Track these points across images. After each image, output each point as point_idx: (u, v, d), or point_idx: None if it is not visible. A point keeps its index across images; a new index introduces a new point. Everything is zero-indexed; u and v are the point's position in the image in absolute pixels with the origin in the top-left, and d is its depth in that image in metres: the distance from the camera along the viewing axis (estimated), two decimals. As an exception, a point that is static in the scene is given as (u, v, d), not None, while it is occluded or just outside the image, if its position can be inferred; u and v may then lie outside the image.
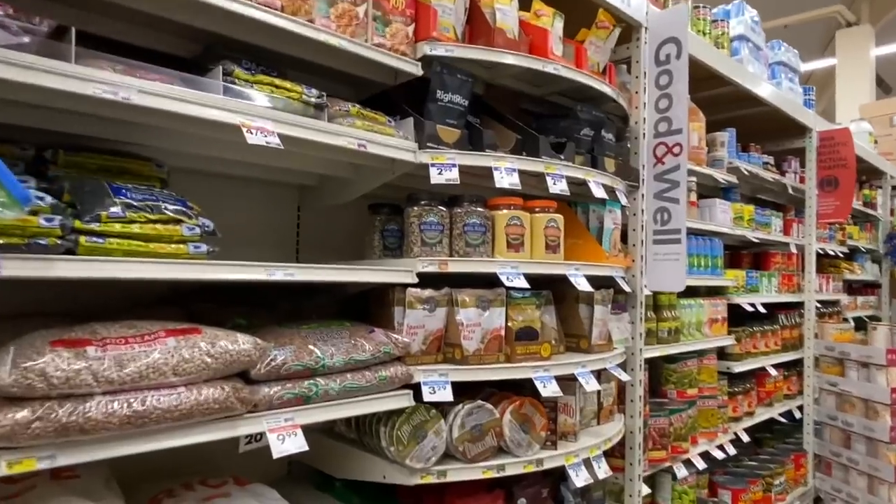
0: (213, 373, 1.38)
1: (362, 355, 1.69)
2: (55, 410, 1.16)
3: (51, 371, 1.16)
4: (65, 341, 1.23)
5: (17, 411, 1.12)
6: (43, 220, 1.18)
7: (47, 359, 1.17)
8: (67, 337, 1.25)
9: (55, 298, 1.74)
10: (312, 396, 1.57)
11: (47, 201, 1.19)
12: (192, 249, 1.38)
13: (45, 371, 1.15)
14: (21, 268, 1.14)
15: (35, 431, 1.13)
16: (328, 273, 1.61)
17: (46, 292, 1.73)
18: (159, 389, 1.30)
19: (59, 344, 1.21)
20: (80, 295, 1.77)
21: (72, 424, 1.17)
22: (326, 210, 2.30)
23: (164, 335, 1.35)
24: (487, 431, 1.89)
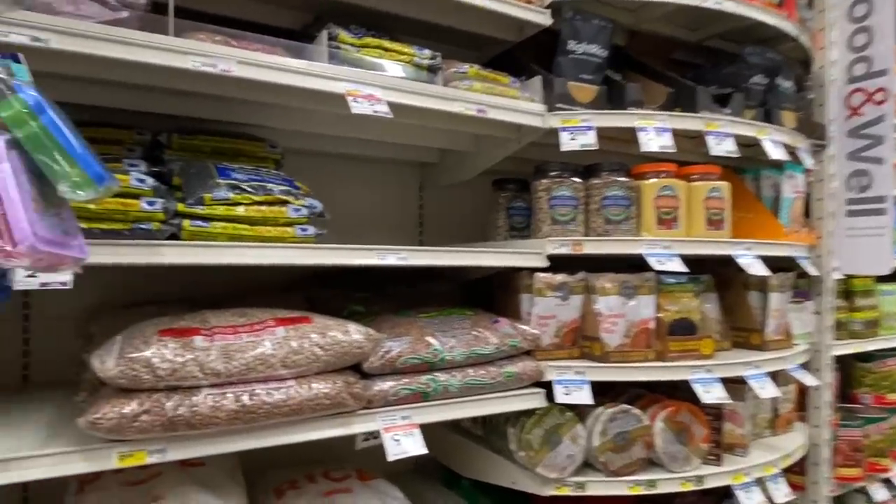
0: (324, 365, 1.27)
1: (486, 348, 1.49)
2: (162, 403, 1.10)
3: (157, 362, 1.10)
4: (173, 331, 1.17)
5: (126, 404, 1.08)
6: (145, 204, 1.12)
7: (154, 349, 1.12)
8: (177, 326, 1.19)
9: (183, 284, 1.76)
10: (431, 393, 1.41)
11: (149, 184, 1.13)
12: (299, 232, 1.27)
13: (151, 362, 1.10)
14: (124, 254, 1.09)
15: (143, 425, 1.08)
16: (443, 256, 1.43)
17: (175, 278, 1.75)
18: (268, 382, 1.21)
19: (167, 334, 1.16)
20: (204, 280, 1.77)
21: (179, 419, 1.11)
22: (450, 189, 2.13)
23: (274, 324, 1.26)
24: (634, 441, 1.61)
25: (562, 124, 1.58)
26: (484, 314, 1.63)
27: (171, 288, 1.74)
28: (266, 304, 1.49)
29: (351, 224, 2.01)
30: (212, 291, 1.77)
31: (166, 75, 1.20)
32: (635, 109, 1.65)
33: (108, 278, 1.68)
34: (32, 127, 0.76)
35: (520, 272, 1.67)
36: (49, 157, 0.77)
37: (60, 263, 0.84)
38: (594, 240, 1.62)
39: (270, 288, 1.82)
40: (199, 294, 1.76)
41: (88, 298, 1.66)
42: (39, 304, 1.63)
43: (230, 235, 1.21)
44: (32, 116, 0.76)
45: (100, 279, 1.67)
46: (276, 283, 1.84)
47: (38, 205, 0.78)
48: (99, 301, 1.68)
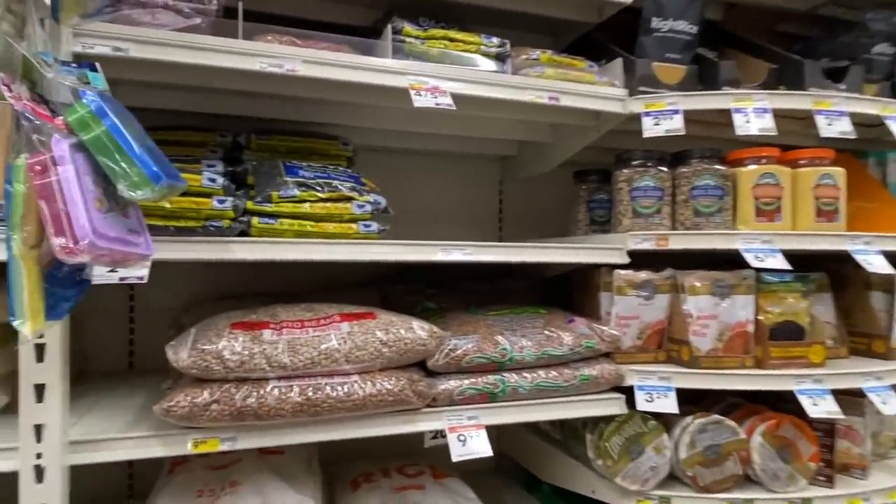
0: (388, 361, 1.26)
1: (559, 349, 1.42)
2: (232, 394, 1.14)
3: (227, 354, 1.15)
4: (244, 324, 1.22)
5: (198, 393, 1.13)
6: (216, 202, 1.17)
7: (224, 342, 1.16)
8: (248, 320, 1.24)
9: (268, 279, 1.83)
10: (498, 394, 1.36)
11: (219, 183, 1.17)
12: (363, 228, 1.27)
13: (221, 354, 1.14)
14: (195, 250, 1.14)
15: (213, 414, 1.13)
16: (511, 252, 1.37)
17: (260, 273, 1.83)
18: (332, 377, 1.22)
19: (238, 327, 1.21)
20: (285, 276, 1.83)
21: (247, 409, 1.14)
22: (530, 182, 2.06)
23: (339, 319, 1.27)
24: (728, 455, 1.46)
25: (645, 109, 1.46)
26: (559, 313, 1.55)
27: (257, 283, 1.82)
28: (341, 299, 1.51)
29: (431, 220, 2.00)
30: (293, 286, 1.84)
31: (237, 77, 1.24)
32: (730, 89, 1.49)
33: (202, 274, 1.79)
34: (95, 130, 0.81)
35: (599, 269, 1.57)
36: (110, 158, 0.81)
37: (126, 259, 0.88)
38: (681, 234, 1.49)
39: (348, 283, 1.85)
40: (281, 289, 1.83)
41: (185, 293, 1.78)
42: (143, 298, 1.77)
43: (296, 232, 1.23)
44: (95, 120, 0.81)
45: (194, 275, 1.78)
46: (354, 279, 1.88)
47: (103, 204, 0.82)
48: (194, 295, 1.80)
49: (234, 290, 1.81)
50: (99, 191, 0.83)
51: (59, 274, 0.86)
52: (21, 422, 1.00)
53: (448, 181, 2.04)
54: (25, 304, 0.81)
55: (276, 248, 1.19)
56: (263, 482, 1.37)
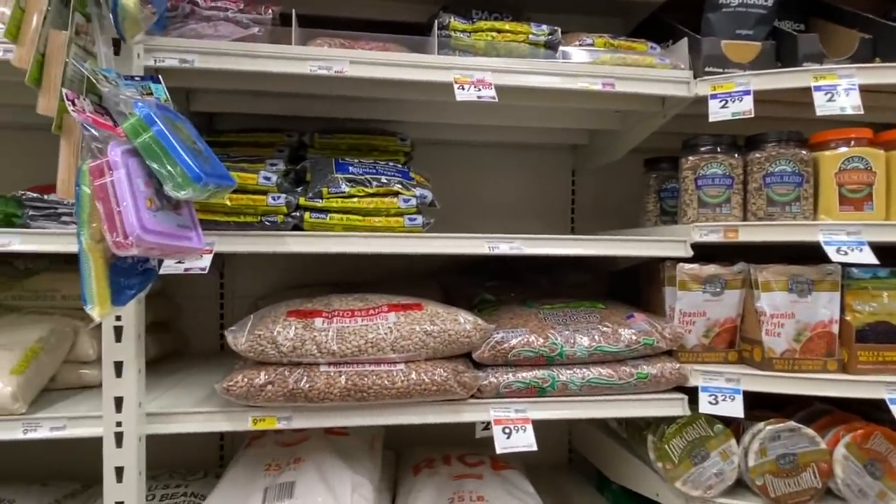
0: (433, 352, 1.29)
1: (614, 346, 1.37)
2: (285, 377, 1.23)
3: (280, 340, 1.23)
4: (299, 312, 1.30)
5: (255, 375, 1.23)
6: (271, 199, 1.26)
7: (279, 328, 1.25)
8: (303, 308, 1.32)
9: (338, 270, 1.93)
10: (547, 389, 1.35)
11: (273, 181, 1.26)
12: (408, 222, 1.31)
13: (275, 339, 1.23)
14: (252, 243, 1.23)
15: (268, 394, 1.22)
16: (560, 245, 1.34)
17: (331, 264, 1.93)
18: (379, 365, 1.27)
19: (293, 314, 1.29)
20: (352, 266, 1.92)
21: (298, 391, 1.22)
22: (603, 172, 1.99)
23: (387, 310, 1.32)
24: (805, 466, 1.34)
25: (711, 91, 1.37)
26: (618, 308, 1.50)
27: (329, 273, 1.93)
28: (402, 290, 1.57)
29: (502, 213, 2.00)
30: (360, 277, 1.92)
31: (292, 81, 1.32)
32: (812, 65, 1.35)
33: (281, 265, 1.93)
34: (144, 136, 0.90)
35: (664, 263, 1.49)
36: (158, 161, 0.91)
37: (178, 252, 0.98)
38: (753, 225, 1.37)
39: (411, 275, 1.91)
40: (350, 278, 1.92)
41: (267, 281, 1.93)
42: (230, 286, 1.93)
43: (344, 226, 1.29)
44: (144, 127, 0.90)
45: (275, 266, 1.93)
46: (417, 271, 1.93)
47: (153, 203, 0.92)
48: (275, 284, 1.94)
49: (308, 279, 1.93)
50: (150, 191, 0.92)
51: (123, 265, 0.97)
52: (104, 394, 1.15)
53: (519, 173, 2.02)
54: (94, 291, 0.93)
55: (326, 241, 1.26)
56: (324, 460, 1.46)
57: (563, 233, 1.91)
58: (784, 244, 1.36)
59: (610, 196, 2.05)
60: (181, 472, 1.68)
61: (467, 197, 2.00)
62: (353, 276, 1.94)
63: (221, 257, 1.93)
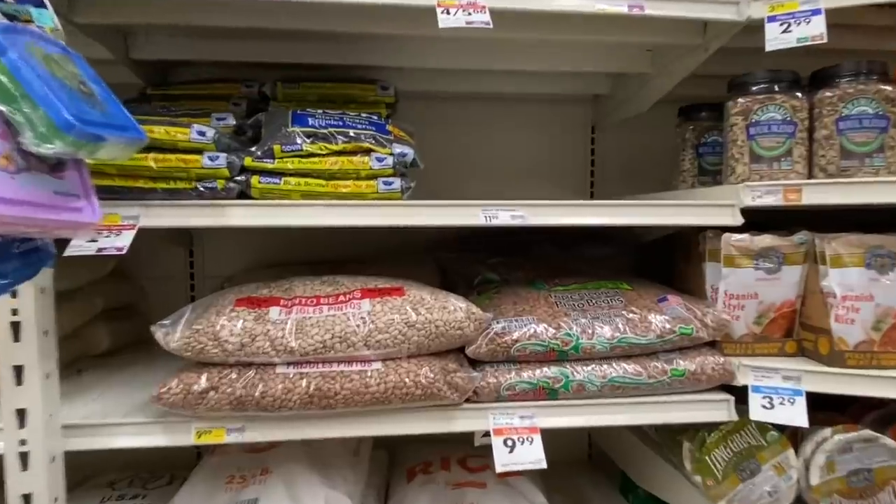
0: (417, 347, 1.04)
1: (642, 337, 1.11)
2: (232, 381, 1.00)
3: (225, 335, 1.00)
4: (251, 300, 1.06)
5: (194, 379, 0.99)
6: (207, 160, 1.00)
7: (224, 320, 1.01)
8: (257, 295, 1.07)
9: (325, 246, 1.69)
10: (559, 390, 1.09)
11: (209, 137, 1.00)
12: (383, 187, 1.05)
13: (217, 335, 0.99)
14: (185, 215, 0.99)
15: (210, 403, 0.99)
16: (572, 213, 1.07)
17: (312, 240, 1.69)
18: (350, 364, 1.03)
19: (243, 303, 1.05)
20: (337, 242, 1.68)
21: (248, 399, 0.99)
22: (628, 127, 1.70)
23: (360, 296, 1.07)
24: (884, 484, 1.07)
25: (769, 12, 1.06)
26: (648, 288, 1.22)
27: (309, 250, 1.69)
28: (391, 269, 1.32)
29: (510, 176, 1.73)
30: (345, 253, 1.68)
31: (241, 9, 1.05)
32: (905, -28, 1.04)
33: (256, 242, 1.69)
34: (-10, 70, 0.65)
35: (704, 233, 1.21)
36: (11, 103, 0.66)
37: (60, 227, 0.74)
38: (822, 183, 1.08)
39: (405, 252, 1.65)
40: (333, 256, 1.68)
41: (240, 260, 1.69)
42: (201, 265, 1.71)
43: (303, 192, 1.03)
44: (-11, 57, 0.65)
45: (248, 243, 1.69)
46: (412, 247, 1.67)
47: (11, 162, 0.68)
48: (249, 262, 1.70)
49: (290, 256, 1.69)
50: (7, 146, 0.67)
51: (-14, 247, 0.73)
52: (2, 406, 0.93)
53: (528, 130, 1.74)
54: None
55: (278, 212, 1.01)
56: (296, 472, 1.23)
57: (580, 199, 1.63)
58: (861, 207, 1.06)
59: (635, 155, 1.75)
60: (144, 476, 1.48)
61: (468, 159, 1.73)
62: (340, 253, 1.69)
63: (189, 232, 1.70)
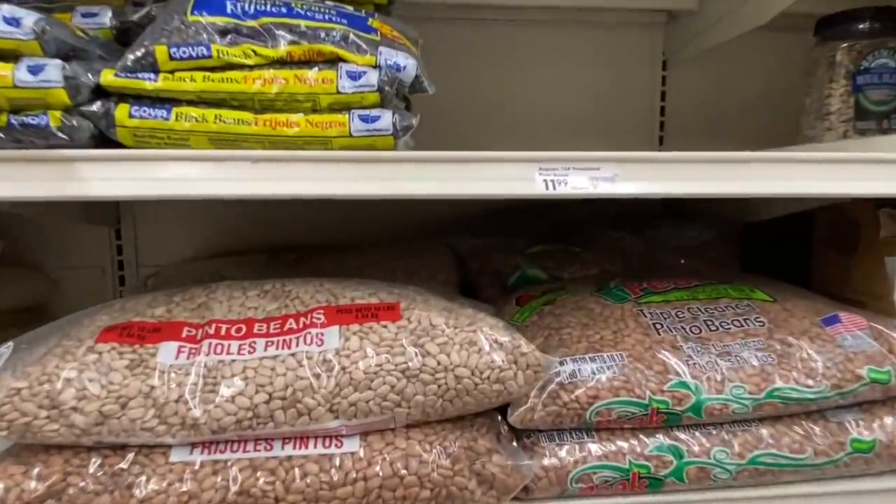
0: (422, 412, 0.59)
1: (810, 388, 0.65)
2: (88, 479, 0.55)
3: (69, 399, 0.54)
4: (127, 329, 0.60)
5: (22, 476, 0.55)
6: (23, 72, 0.53)
7: (69, 370, 0.55)
8: (141, 320, 0.61)
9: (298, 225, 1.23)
10: (666, 479, 0.64)
11: (25, 27, 0.53)
12: (359, 126, 0.57)
13: (57, 399, 0.54)
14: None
15: (50, 518, 0.54)
16: (707, 171, 0.59)
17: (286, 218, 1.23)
18: (304, 445, 0.58)
19: (113, 335, 0.59)
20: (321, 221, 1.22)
21: (118, 510, 0.54)
22: (713, 59, 1.21)
23: (324, 320, 0.61)
24: None
25: None
26: (797, 299, 0.75)
27: (284, 231, 1.23)
28: (384, 261, 0.88)
29: (553, 125, 1.25)
30: (327, 236, 1.22)
31: None
32: None
33: (213, 219, 1.24)
34: None
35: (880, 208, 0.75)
36: None
37: None
38: None
39: (406, 234, 1.19)
40: (312, 239, 1.23)
41: (189, 243, 1.25)
42: (131, 252, 1.26)
43: (213, 136, 0.57)
44: None
45: (201, 221, 1.24)
46: (416, 226, 1.21)
47: None
48: (201, 247, 1.26)
49: (248, 240, 1.24)
50: None
51: None
52: None
53: (576, 64, 1.25)
54: None
55: (165, 169, 0.54)
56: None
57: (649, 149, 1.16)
58: None
59: (725, 97, 1.27)
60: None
61: (496, 103, 1.25)
62: (318, 236, 1.24)
63: (115, 208, 1.25)
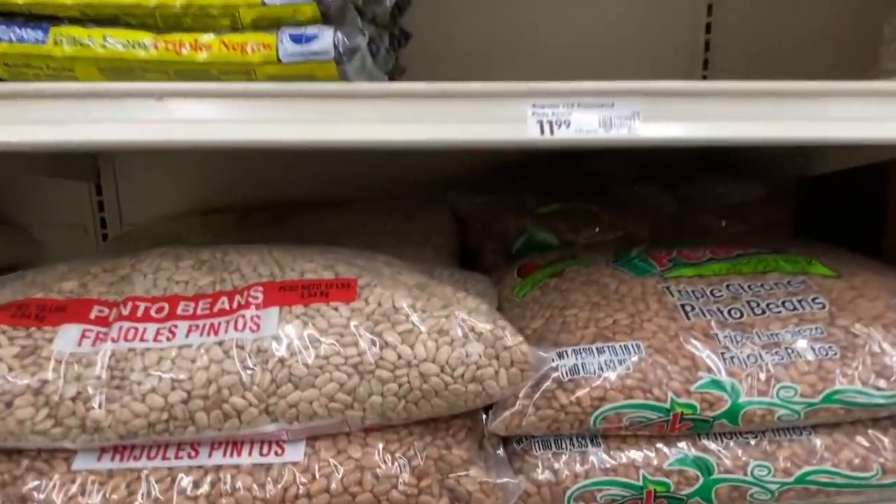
0: (381, 414, 0.47)
1: (878, 390, 0.50)
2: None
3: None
4: (24, 307, 0.49)
5: None
6: None
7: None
8: (43, 297, 0.50)
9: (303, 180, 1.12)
10: (687, 500, 0.51)
11: None
12: (290, 47, 0.43)
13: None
14: None
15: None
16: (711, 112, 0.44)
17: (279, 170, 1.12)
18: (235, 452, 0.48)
19: (5, 317, 0.48)
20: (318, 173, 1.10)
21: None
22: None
23: (261, 300, 0.49)
24: None
25: None
26: (868, 279, 0.60)
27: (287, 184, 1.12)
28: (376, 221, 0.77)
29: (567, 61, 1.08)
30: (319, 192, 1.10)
31: None
32: None
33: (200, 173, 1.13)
34: None
35: None
36: None
37: None
38: None
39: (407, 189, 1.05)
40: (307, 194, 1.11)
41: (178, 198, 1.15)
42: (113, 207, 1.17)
43: (102, 64, 0.44)
44: None
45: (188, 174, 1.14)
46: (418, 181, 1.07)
47: None
48: (191, 202, 1.16)
49: (245, 196, 1.14)
50: None
51: None
52: None
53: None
54: None
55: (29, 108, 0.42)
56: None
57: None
58: None
59: (781, 28, 1.07)
60: None
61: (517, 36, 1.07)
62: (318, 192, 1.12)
63: (92, 161, 1.15)
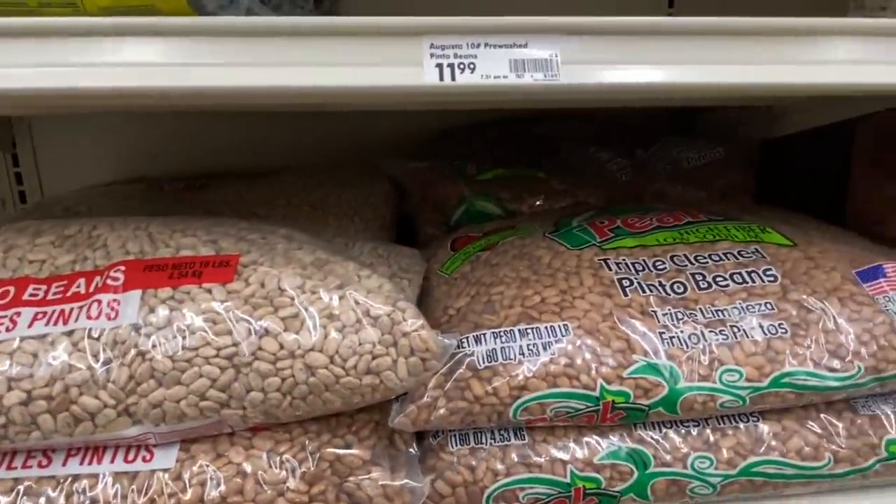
0: (264, 413, 0.41)
1: (830, 372, 0.45)
2: None
3: None
4: None
5: None
6: None
7: None
8: None
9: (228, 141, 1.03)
10: (621, 497, 0.46)
11: None
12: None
13: None
14: None
15: None
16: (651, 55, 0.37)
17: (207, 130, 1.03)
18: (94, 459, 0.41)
19: None
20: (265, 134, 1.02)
21: None
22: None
23: (122, 282, 0.42)
24: None
25: None
26: (826, 248, 0.54)
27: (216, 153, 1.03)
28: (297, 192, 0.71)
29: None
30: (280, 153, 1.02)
31: None
32: None
33: (131, 139, 1.04)
34: None
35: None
36: None
37: None
38: None
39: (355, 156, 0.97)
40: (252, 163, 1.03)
41: (101, 169, 1.06)
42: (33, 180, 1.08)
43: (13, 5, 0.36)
44: None
45: (109, 141, 1.04)
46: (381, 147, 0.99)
47: None
48: (118, 172, 1.08)
49: (176, 165, 1.05)
50: None
51: None
52: None
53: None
54: None
55: None
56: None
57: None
58: None
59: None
60: None
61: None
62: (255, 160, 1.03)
63: (9, 127, 1.06)
